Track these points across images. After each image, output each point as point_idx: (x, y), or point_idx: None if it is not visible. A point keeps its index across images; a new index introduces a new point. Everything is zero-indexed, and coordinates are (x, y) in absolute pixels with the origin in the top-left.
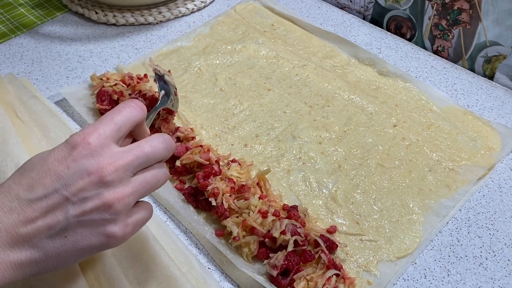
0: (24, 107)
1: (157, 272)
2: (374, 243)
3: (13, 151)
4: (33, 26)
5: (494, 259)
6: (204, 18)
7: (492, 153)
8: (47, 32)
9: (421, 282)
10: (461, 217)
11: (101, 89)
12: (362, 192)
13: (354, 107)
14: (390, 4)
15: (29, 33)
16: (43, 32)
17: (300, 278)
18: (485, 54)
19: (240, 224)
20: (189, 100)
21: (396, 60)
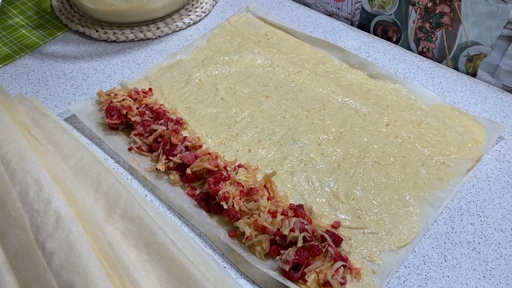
0: (36, 126)
1: (178, 273)
2: (376, 235)
3: (32, 169)
4: (36, 47)
5: (485, 243)
6: (200, 31)
7: (478, 146)
8: (50, 51)
9: (421, 269)
10: (454, 206)
11: (110, 104)
12: (361, 189)
13: (348, 109)
14: (376, 10)
15: (32, 54)
16: (46, 52)
17: (310, 271)
18: (467, 54)
19: (251, 224)
20: (193, 111)
21: (384, 63)
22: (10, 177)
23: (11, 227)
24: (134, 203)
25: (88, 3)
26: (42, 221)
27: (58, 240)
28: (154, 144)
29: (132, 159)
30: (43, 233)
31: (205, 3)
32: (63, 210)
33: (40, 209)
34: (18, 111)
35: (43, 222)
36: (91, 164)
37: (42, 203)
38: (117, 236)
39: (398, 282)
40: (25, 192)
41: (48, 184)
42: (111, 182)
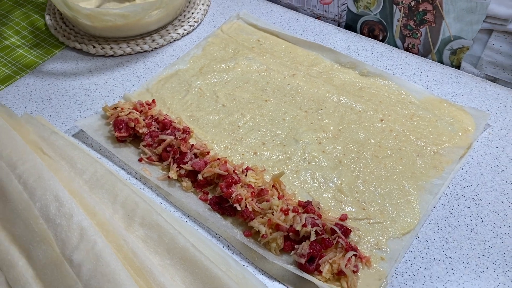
0: (47, 144)
1: (201, 274)
2: (381, 224)
3: (50, 185)
4: (35, 66)
5: (482, 224)
6: (195, 41)
7: (468, 134)
8: (50, 70)
9: (425, 252)
10: (450, 192)
11: (117, 118)
12: (363, 182)
13: (343, 107)
14: (361, 11)
15: (33, 73)
16: (46, 70)
17: (324, 262)
18: (451, 47)
19: (265, 223)
20: (196, 119)
21: (373, 61)
22: (30, 195)
23: (36, 243)
24: (152, 211)
25: (85, 21)
26: (67, 235)
27: (84, 251)
28: (164, 153)
29: (144, 169)
30: (69, 246)
31: (196, 13)
32: (86, 223)
33: (63, 224)
34: (27, 130)
35: (68, 236)
36: (106, 177)
37: (64, 218)
38: (138, 244)
39: (405, 267)
40: (46, 209)
41: (67, 199)
42: (127, 193)
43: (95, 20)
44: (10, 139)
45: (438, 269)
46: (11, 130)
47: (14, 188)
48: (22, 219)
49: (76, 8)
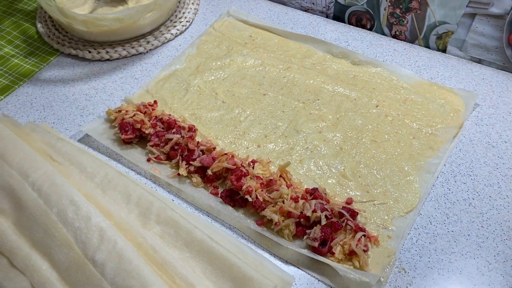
0: (54, 150)
1: (220, 264)
2: (385, 204)
3: (64, 190)
4: (32, 74)
5: (479, 198)
6: (188, 40)
7: (459, 114)
8: (47, 77)
9: (428, 228)
10: (447, 170)
11: (123, 121)
12: (365, 166)
13: (339, 96)
14: (349, 2)
15: (30, 82)
16: (43, 78)
17: (336, 244)
18: (436, 32)
19: (277, 211)
20: (199, 117)
21: (363, 49)
22: (45, 202)
23: (57, 247)
24: (166, 208)
25: (80, 27)
26: (87, 237)
27: (106, 251)
28: (171, 152)
29: (153, 168)
30: (90, 248)
31: (187, 12)
32: (104, 224)
33: (82, 226)
34: (33, 138)
35: (88, 237)
36: (117, 179)
37: (82, 221)
38: (157, 240)
39: (411, 243)
40: (63, 213)
41: (83, 202)
42: (140, 192)
43: (90, 25)
44: (19, 148)
45: (441, 243)
46: (18, 140)
47: (29, 196)
48: (40, 225)
49: (72, 15)
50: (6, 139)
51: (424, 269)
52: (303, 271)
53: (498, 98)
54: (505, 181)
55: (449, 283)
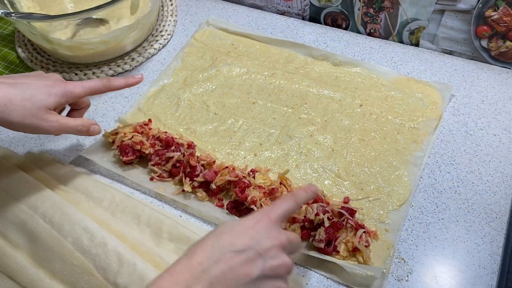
0: (58, 179)
1: None
2: (379, 200)
3: (76, 219)
4: None
5: (463, 185)
6: (171, 53)
7: (437, 106)
8: None
9: (420, 218)
10: (431, 162)
11: (122, 143)
12: (356, 165)
13: (325, 98)
14: (324, 4)
15: None
16: None
17: (339, 243)
18: (409, 28)
19: None
20: (193, 131)
21: (342, 49)
22: (59, 232)
23: (78, 274)
24: (177, 225)
25: (65, 51)
26: (106, 263)
27: (127, 274)
28: (173, 169)
29: (158, 187)
30: (111, 273)
31: (167, 25)
32: (121, 248)
33: (100, 253)
34: (34, 169)
35: (107, 263)
36: (125, 201)
37: (99, 247)
38: (172, 258)
39: (407, 233)
40: (79, 242)
41: (97, 228)
42: (149, 212)
43: (76, 50)
44: (23, 181)
45: (434, 231)
46: (21, 172)
47: (41, 228)
48: (58, 255)
49: (57, 42)
50: (9, 173)
51: (421, 257)
52: (312, 270)
53: (470, 87)
54: (484, 167)
55: (444, 267)
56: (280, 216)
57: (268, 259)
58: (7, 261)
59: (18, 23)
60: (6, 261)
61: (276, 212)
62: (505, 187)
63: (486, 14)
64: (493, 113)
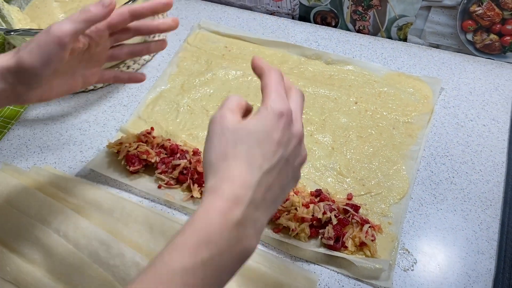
0: (66, 192)
1: (252, 275)
2: (380, 194)
3: (90, 232)
4: (18, 116)
5: (458, 175)
6: (165, 58)
7: (428, 100)
8: (35, 116)
9: (420, 210)
10: (427, 154)
11: (128, 154)
12: (356, 162)
13: (321, 98)
14: (313, 3)
15: (19, 123)
16: (31, 117)
17: (347, 239)
18: (397, 24)
19: (292, 218)
20: (196, 136)
21: (332, 47)
22: (74, 245)
23: (98, 286)
24: None
25: None
26: (125, 273)
27: None
28: (180, 176)
29: (167, 194)
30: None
31: None
32: (138, 258)
33: (118, 264)
34: (41, 184)
35: (126, 273)
36: (136, 211)
37: (117, 258)
38: None
39: (409, 225)
40: (95, 254)
41: (112, 240)
42: (161, 220)
43: None
44: (32, 197)
45: (434, 221)
46: (28, 188)
47: (57, 242)
48: (76, 268)
49: None
50: (16, 190)
51: (424, 247)
52: (322, 266)
53: (458, 79)
54: (477, 157)
55: (446, 255)
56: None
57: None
58: (25, 277)
59: (15, 39)
60: (24, 277)
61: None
62: (497, 175)
63: (470, 9)
64: (481, 104)
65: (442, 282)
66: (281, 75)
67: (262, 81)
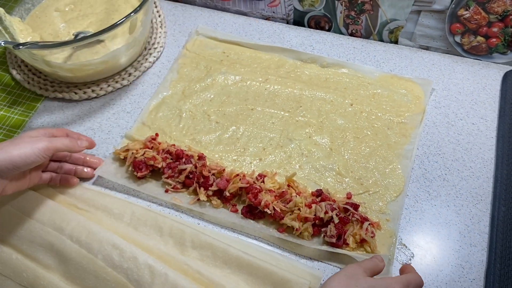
0: (76, 199)
1: (259, 273)
2: (378, 193)
3: (103, 237)
4: (24, 124)
5: (450, 172)
6: (166, 65)
7: (420, 101)
8: (40, 124)
9: (416, 206)
10: (420, 153)
11: (135, 160)
12: (354, 162)
13: (318, 100)
14: (307, 8)
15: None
16: (36, 126)
17: (348, 236)
18: (388, 28)
19: (295, 218)
20: (199, 141)
21: (327, 51)
22: (88, 250)
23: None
24: (198, 233)
25: (65, 73)
26: (138, 275)
27: (161, 285)
28: (187, 180)
29: (174, 198)
30: (144, 284)
31: (159, 37)
32: (150, 260)
33: (131, 267)
34: (51, 191)
35: (139, 275)
36: (145, 215)
37: (130, 261)
38: (198, 264)
39: (405, 221)
40: (109, 258)
41: (125, 244)
42: (170, 223)
43: (76, 71)
44: (44, 205)
45: (429, 217)
46: (40, 196)
47: (70, 248)
48: (90, 272)
49: (58, 65)
50: (28, 198)
51: (420, 241)
52: (326, 263)
53: (448, 80)
54: (467, 154)
55: (441, 249)
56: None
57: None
58: (41, 282)
59: (22, 52)
60: (40, 282)
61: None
62: (486, 171)
63: (458, 13)
64: (470, 103)
65: (438, 274)
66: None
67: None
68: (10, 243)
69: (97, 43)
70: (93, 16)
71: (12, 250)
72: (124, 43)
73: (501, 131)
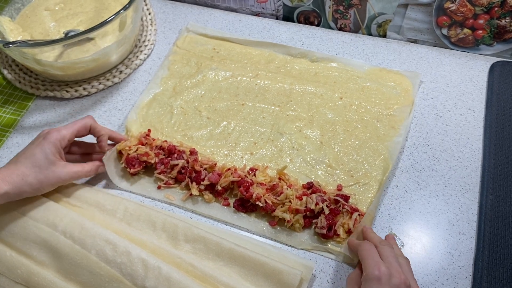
0: (69, 196)
1: (252, 265)
2: (368, 184)
3: (96, 232)
4: (16, 123)
5: (438, 163)
6: (156, 62)
7: (408, 93)
8: (32, 123)
9: (405, 197)
10: (409, 144)
11: (128, 156)
12: (344, 154)
13: (308, 94)
14: (296, 4)
15: (17, 131)
16: (28, 125)
17: (338, 227)
18: (377, 22)
19: (286, 210)
20: (190, 137)
21: (316, 45)
22: (81, 246)
23: (107, 283)
24: (191, 227)
25: (56, 72)
26: (132, 269)
27: (154, 278)
28: (179, 175)
29: (167, 195)
30: (138, 278)
31: (149, 35)
32: (144, 254)
33: (125, 261)
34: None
35: (133, 269)
36: (138, 210)
37: (123, 256)
38: (191, 257)
39: (395, 211)
40: (102, 253)
41: (118, 239)
42: (163, 218)
43: (68, 70)
44: (37, 201)
45: (418, 206)
46: None
47: (64, 244)
48: (84, 267)
49: (49, 64)
50: None
51: (410, 231)
52: (317, 254)
53: (436, 72)
54: (455, 144)
55: (431, 238)
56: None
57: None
58: (36, 279)
59: (12, 51)
60: (35, 278)
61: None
62: (474, 161)
63: (445, 6)
64: (457, 95)
65: (428, 262)
66: (370, 243)
67: (358, 255)
68: (4, 240)
69: (88, 41)
70: (83, 14)
71: (6, 247)
72: (114, 40)
73: (488, 122)
